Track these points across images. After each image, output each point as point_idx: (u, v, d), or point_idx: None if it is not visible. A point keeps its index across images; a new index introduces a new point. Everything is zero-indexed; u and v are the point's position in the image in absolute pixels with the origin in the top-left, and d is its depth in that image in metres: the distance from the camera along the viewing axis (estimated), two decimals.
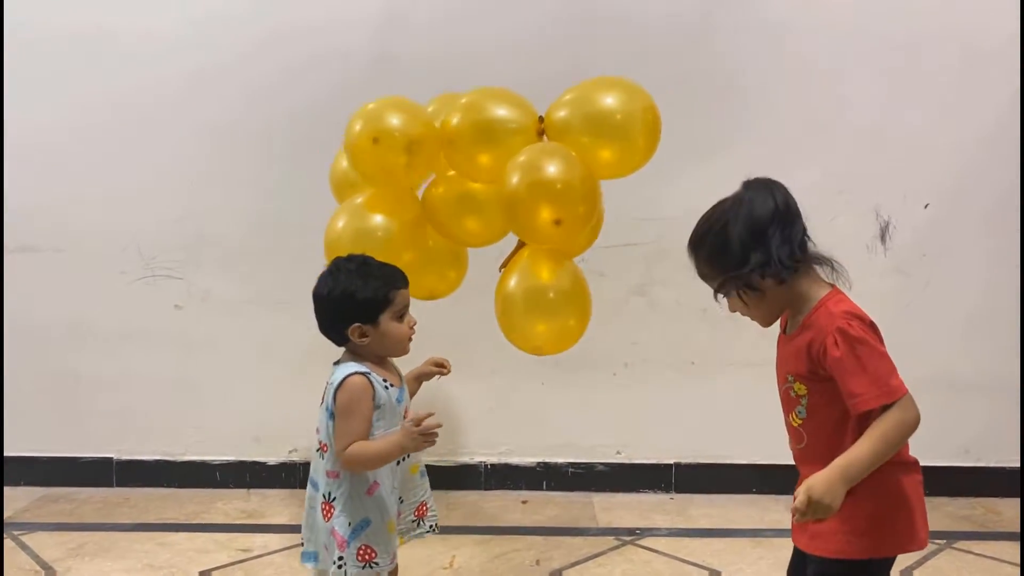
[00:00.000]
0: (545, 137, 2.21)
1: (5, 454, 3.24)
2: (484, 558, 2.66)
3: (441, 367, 2.08)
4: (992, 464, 3.21)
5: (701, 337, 3.19)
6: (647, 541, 2.80)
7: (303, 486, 3.23)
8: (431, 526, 1.99)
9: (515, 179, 2.05)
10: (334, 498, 1.81)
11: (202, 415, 3.26)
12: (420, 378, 2.08)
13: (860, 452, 1.43)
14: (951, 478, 3.20)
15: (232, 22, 3.12)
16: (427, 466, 3.21)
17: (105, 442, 3.29)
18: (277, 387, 3.23)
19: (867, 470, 1.44)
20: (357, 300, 1.81)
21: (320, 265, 3.13)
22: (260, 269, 3.18)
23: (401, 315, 1.86)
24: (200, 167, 3.18)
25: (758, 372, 3.18)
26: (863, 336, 1.47)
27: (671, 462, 3.26)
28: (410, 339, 1.90)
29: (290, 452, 3.28)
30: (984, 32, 3.05)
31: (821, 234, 3.23)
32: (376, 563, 1.80)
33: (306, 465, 3.26)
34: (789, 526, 2.93)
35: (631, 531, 2.87)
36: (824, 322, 1.51)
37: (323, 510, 1.83)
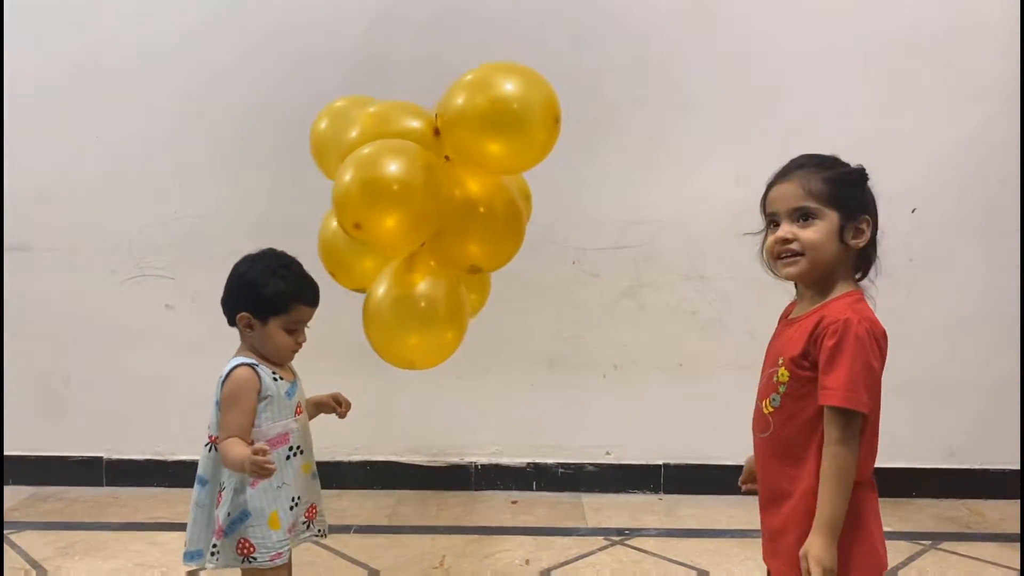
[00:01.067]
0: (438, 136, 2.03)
1: None
2: (474, 558, 2.67)
3: (339, 404, 2.07)
4: (977, 466, 3.25)
5: (690, 340, 3.21)
6: (636, 541, 2.81)
7: None
8: (320, 530, 1.95)
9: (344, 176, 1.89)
10: (223, 487, 1.80)
11: (192, 415, 3.23)
12: (320, 406, 2.05)
13: (831, 499, 1.44)
14: (936, 480, 3.24)
15: (222, 26, 3.14)
16: (417, 467, 3.27)
17: (95, 441, 3.28)
18: None
19: (844, 510, 1.46)
20: (258, 293, 1.82)
21: (312, 266, 3.16)
22: None
23: (292, 329, 1.85)
24: (191, 168, 3.19)
25: (746, 375, 3.20)
26: (864, 338, 1.46)
27: (660, 463, 3.28)
28: (293, 352, 1.89)
29: None
30: (974, 37, 3.07)
31: None
32: (254, 558, 1.77)
33: None
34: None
35: (620, 531, 2.88)
36: (837, 311, 1.50)
37: (218, 500, 1.81)
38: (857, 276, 1.62)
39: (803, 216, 1.53)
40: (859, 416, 1.47)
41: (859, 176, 1.57)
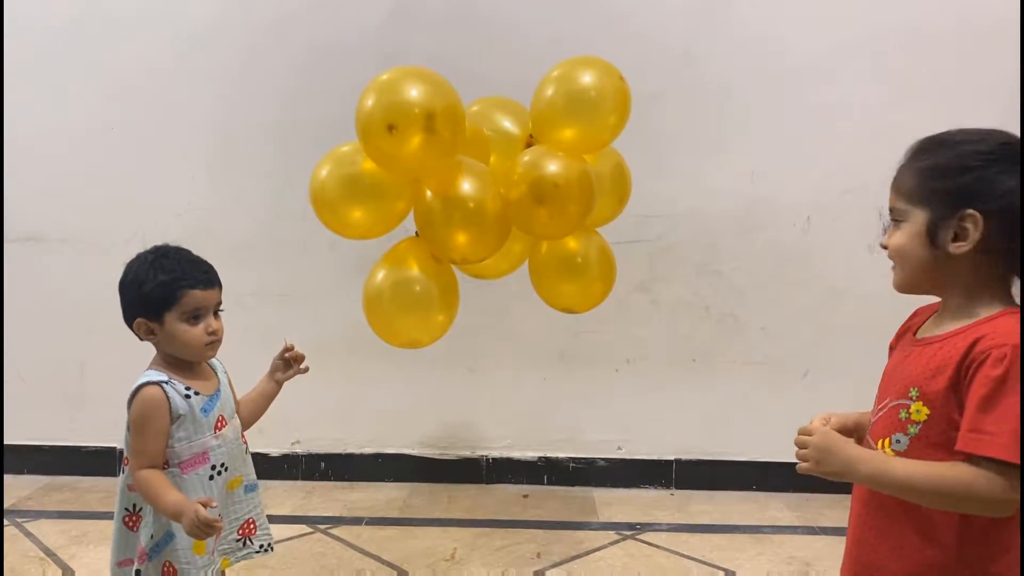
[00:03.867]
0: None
1: (9, 443, 3.26)
2: (486, 551, 2.67)
3: (287, 365, 1.93)
4: None
5: (703, 335, 3.20)
6: (647, 536, 2.81)
7: (305, 478, 3.29)
8: (262, 545, 1.81)
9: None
10: (140, 509, 1.67)
11: None
12: (272, 377, 1.93)
13: (902, 467, 1.17)
14: None
15: (234, 19, 3.14)
16: (429, 459, 3.27)
17: (108, 432, 3.28)
18: None
19: (888, 486, 1.19)
20: (141, 293, 1.65)
21: (323, 258, 3.17)
22: (262, 261, 3.19)
23: (194, 317, 1.67)
24: (203, 160, 3.19)
25: (759, 370, 3.21)
26: None
27: (672, 458, 3.27)
28: (208, 345, 1.69)
29: (292, 444, 3.30)
30: (988, 32, 3.04)
31: (823, 233, 3.27)
32: None
33: (309, 457, 3.30)
34: (790, 523, 2.96)
35: (631, 526, 2.88)
36: (1001, 334, 1.14)
37: (127, 522, 1.69)
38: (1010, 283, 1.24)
39: (895, 220, 1.28)
40: (1011, 470, 1.09)
41: (958, 159, 1.21)
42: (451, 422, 3.30)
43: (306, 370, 1.95)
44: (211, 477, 1.69)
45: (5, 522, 2.84)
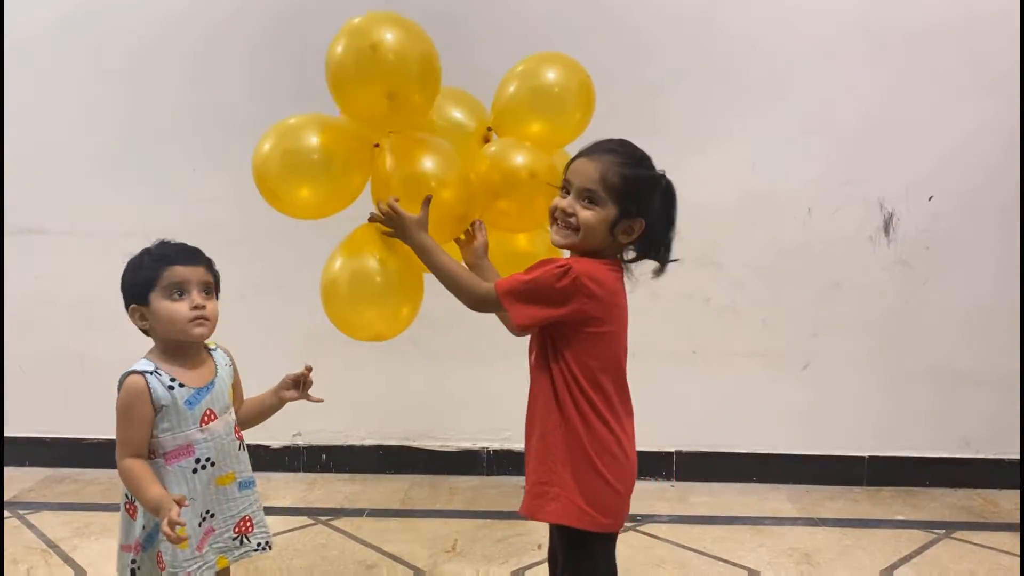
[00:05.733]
0: (493, 135, 2.15)
1: (11, 435, 3.28)
2: (486, 542, 2.68)
3: (297, 384, 1.94)
4: (992, 456, 3.23)
5: (703, 327, 3.20)
6: (648, 527, 2.82)
7: (307, 470, 3.30)
8: (259, 544, 1.81)
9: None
10: (134, 499, 1.68)
11: None
12: (279, 393, 1.94)
13: (444, 256, 1.74)
14: (951, 469, 3.22)
15: (236, 15, 3.13)
16: (429, 452, 3.28)
17: (109, 424, 3.28)
18: (281, 371, 3.23)
19: (427, 259, 1.75)
20: (130, 281, 1.71)
21: (323, 250, 3.16)
22: (262, 254, 3.20)
23: (178, 293, 1.68)
24: (203, 152, 3.19)
25: (759, 362, 3.22)
26: (554, 269, 1.59)
27: (672, 450, 3.28)
28: (193, 320, 1.69)
29: (294, 436, 3.30)
30: (989, 23, 3.04)
31: (825, 225, 3.28)
32: (174, 573, 1.66)
33: (310, 449, 3.30)
34: (790, 515, 2.97)
35: (632, 517, 2.88)
36: (575, 260, 1.65)
37: (128, 509, 1.71)
38: (629, 258, 1.72)
39: (589, 199, 1.62)
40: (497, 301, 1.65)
41: (652, 183, 1.65)
42: (451, 415, 3.30)
43: (319, 400, 1.96)
44: (194, 470, 1.69)
45: (7, 514, 2.85)
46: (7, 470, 3.25)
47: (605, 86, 3.12)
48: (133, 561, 1.68)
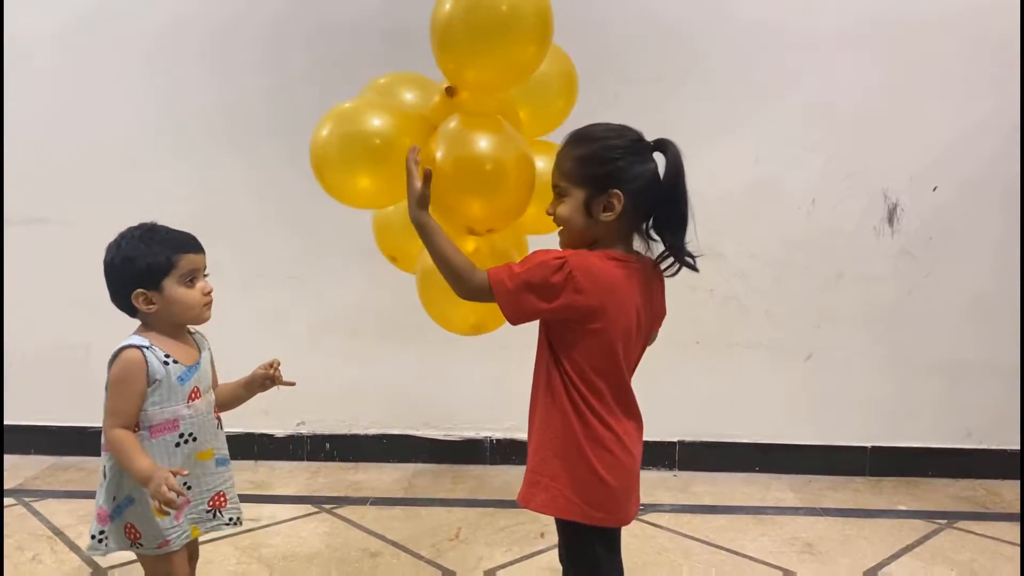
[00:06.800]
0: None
1: (17, 423, 3.29)
2: (489, 530, 2.69)
3: (270, 366, 1.96)
4: (994, 446, 3.23)
5: (706, 318, 3.20)
6: (651, 516, 2.83)
7: (311, 458, 3.31)
8: (231, 519, 1.86)
9: None
10: (105, 469, 1.74)
11: None
12: (249, 386, 1.95)
13: (444, 239, 1.63)
14: (953, 460, 3.23)
15: (239, 5, 3.14)
16: (433, 440, 3.29)
17: None
18: (285, 360, 3.22)
19: (425, 239, 1.63)
20: (137, 266, 1.72)
21: (329, 240, 3.17)
22: (269, 243, 3.20)
23: (190, 280, 1.75)
24: (209, 141, 3.19)
25: (762, 353, 3.22)
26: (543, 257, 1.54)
27: (675, 440, 3.28)
28: (205, 305, 1.78)
29: (298, 425, 3.31)
30: (993, 15, 3.03)
31: (828, 216, 3.27)
32: (141, 544, 1.71)
33: (314, 438, 3.31)
34: (792, 504, 2.97)
35: None
36: (571, 254, 1.57)
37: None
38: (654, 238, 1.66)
39: (558, 193, 1.62)
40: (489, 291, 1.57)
41: (610, 151, 1.56)
42: (455, 404, 3.31)
43: (291, 384, 2.00)
44: (177, 444, 1.74)
45: (13, 501, 2.87)
46: (13, 458, 3.26)
47: (608, 74, 3.12)
48: (101, 532, 1.73)
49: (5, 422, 3.27)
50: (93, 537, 1.74)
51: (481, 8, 1.75)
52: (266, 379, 1.96)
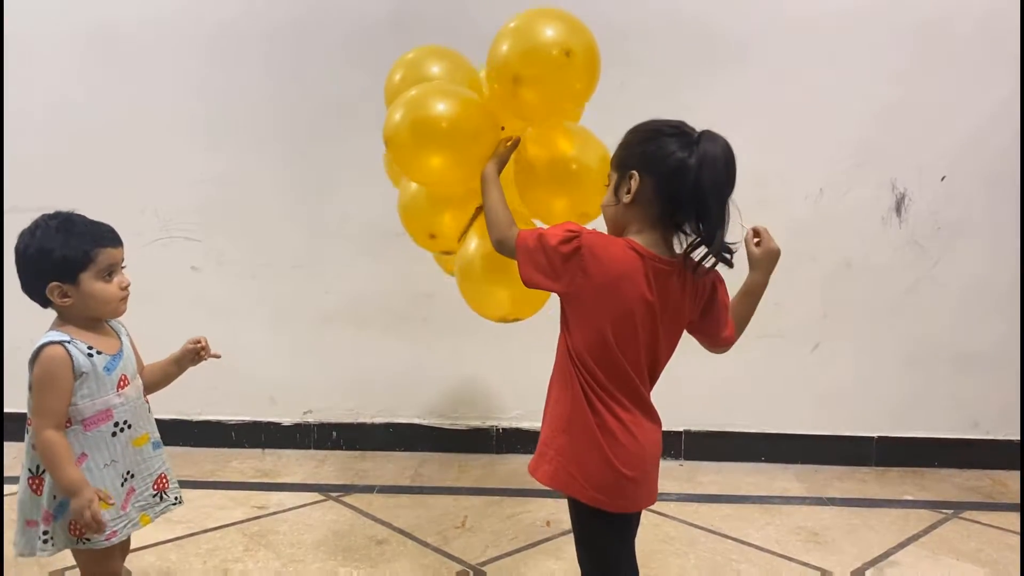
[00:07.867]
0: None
1: (18, 411, 3.29)
2: (496, 519, 2.70)
3: (197, 343, 1.95)
4: (1001, 437, 3.23)
5: None
6: (657, 505, 2.82)
7: (317, 447, 3.32)
8: (176, 498, 1.88)
9: None
10: (43, 471, 1.69)
11: (218, 376, 3.27)
12: (180, 362, 1.95)
13: (497, 191, 1.77)
14: (959, 450, 3.22)
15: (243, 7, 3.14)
16: (439, 429, 3.30)
17: None
18: (293, 349, 3.27)
19: (484, 186, 1.79)
20: (54, 258, 1.68)
21: (335, 230, 3.18)
22: (277, 232, 3.21)
23: (108, 274, 1.72)
24: (217, 130, 3.19)
25: (769, 343, 3.21)
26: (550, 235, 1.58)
27: (681, 430, 3.29)
28: (122, 300, 1.76)
29: (305, 413, 3.32)
30: (1004, 5, 3.01)
31: (836, 205, 3.25)
32: (88, 539, 1.68)
33: (321, 426, 3.32)
34: (798, 494, 2.97)
35: None
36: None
37: (31, 484, 1.72)
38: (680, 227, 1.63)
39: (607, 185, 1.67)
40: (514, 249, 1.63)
41: (634, 135, 1.61)
42: (461, 393, 3.32)
43: (216, 355, 2.00)
44: (114, 434, 1.74)
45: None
46: (14, 445, 3.27)
47: (615, 62, 3.09)
48: (45, 532, 1.69)
49: (5, 410, 3.28)
50: (39, 539, 1.69)
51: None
52: (195, 353, 1.96)
